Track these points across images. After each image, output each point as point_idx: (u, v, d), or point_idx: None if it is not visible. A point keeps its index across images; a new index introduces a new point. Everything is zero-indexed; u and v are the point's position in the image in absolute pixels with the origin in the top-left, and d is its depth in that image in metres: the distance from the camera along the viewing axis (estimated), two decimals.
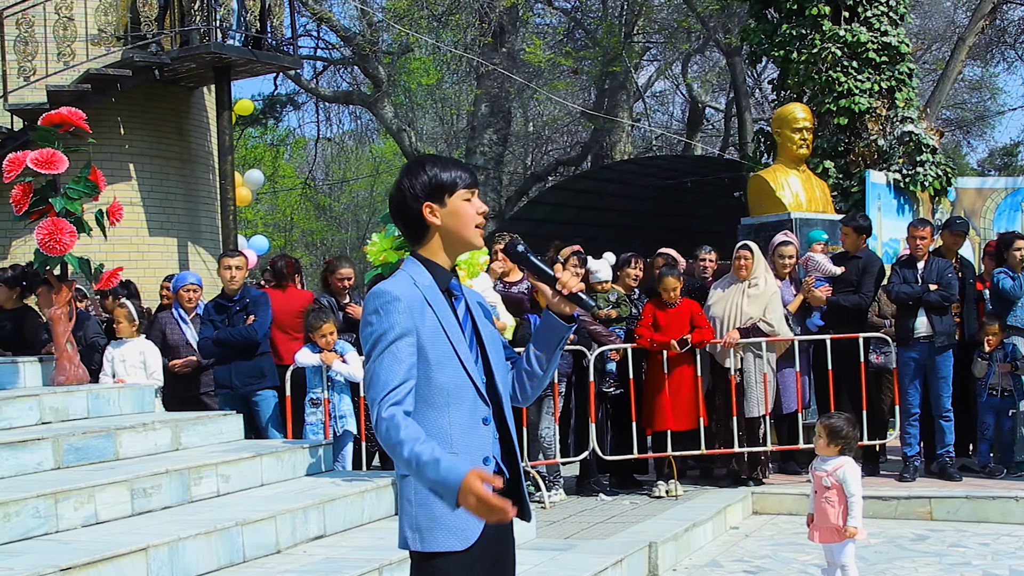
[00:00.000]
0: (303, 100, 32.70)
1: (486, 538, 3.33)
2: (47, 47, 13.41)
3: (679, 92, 35.53)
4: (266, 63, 14.81)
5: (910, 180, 13.42)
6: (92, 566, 5.21)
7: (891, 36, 13.79)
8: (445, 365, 3.30)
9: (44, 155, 8.19)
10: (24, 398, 7.55)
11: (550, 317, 3.49)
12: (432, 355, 3.29)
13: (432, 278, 3.39)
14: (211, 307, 9.43)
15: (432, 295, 3.36)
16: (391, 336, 3.25)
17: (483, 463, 3.33)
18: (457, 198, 3.40)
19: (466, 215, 3.40)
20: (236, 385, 9.17)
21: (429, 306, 3.33)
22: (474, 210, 3.42)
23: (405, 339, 3.25)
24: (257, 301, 9.27)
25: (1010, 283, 9.63)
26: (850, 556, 6.11)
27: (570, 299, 3.44)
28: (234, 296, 9.28)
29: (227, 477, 7.19)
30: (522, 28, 26.93)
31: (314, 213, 40.34)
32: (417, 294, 3.32)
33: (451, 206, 3.39)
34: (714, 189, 22.53)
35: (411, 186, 3.40)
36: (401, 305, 3.27)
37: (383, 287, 3.32)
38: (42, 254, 8.31)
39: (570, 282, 3.42)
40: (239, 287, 9.31)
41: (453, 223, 3.40)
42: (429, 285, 3.37)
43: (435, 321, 3.32)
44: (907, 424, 9.75)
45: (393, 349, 3.24)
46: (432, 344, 3.29)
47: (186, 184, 15.00)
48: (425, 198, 3.38)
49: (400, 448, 3.14)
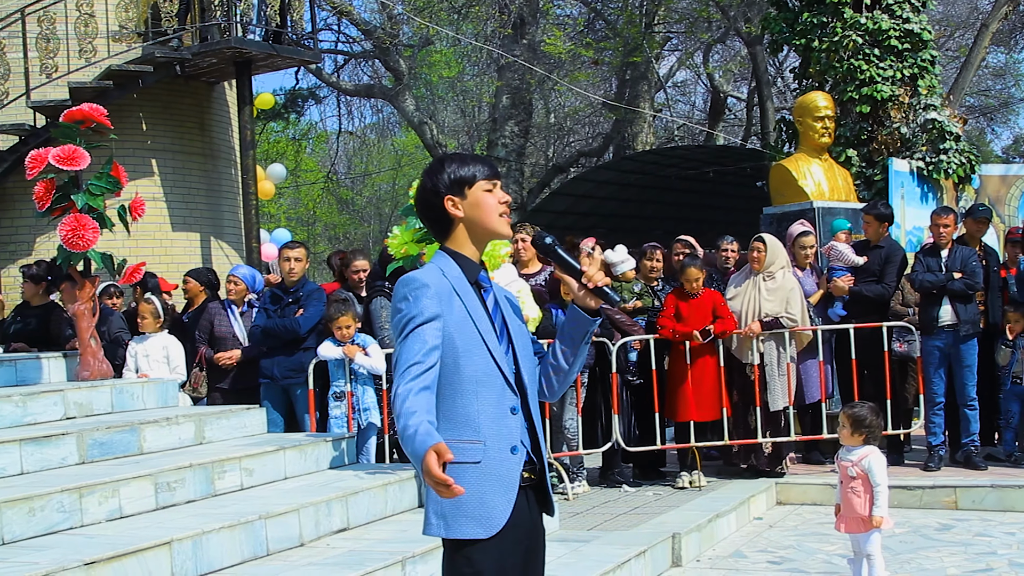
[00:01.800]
0: (324, 94, 32.75)
1: (516, 528, 3.35)
2: (68, 44, 13.44)
3: (700, 82, 35.42)
4: (287, 57, 14.83)
5: (933, 168, 13.33)
6: (116, 560, 5.24)
7: (913, 23, 13.70)
8: (473, 353, 3.34)
9: (66, 152, 8.22)
10: (48, 393, 7.59)
11: (575, 311, 3.50)
12: (460, 343, 3.33)
13: (460, 270, 3.43)
14: (267, 296, 9.44)
15: (460, 286, 3.40)
16: (419, 320, 3.29)
17: (511, 452, 3.36)
18: (477, 189, 3.45)
19: (488, 205, 3.45)
20: (276, 376, 9.19)
21: (457, 295, 3.37)
22: (496, 200, 3.46)
23: (432, 323, 3.29)
24: (310, 295, 9.24)
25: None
26: (876, 545, 6.08)
27: (595, 293, 3.45)
28: (291, 288, 9.29)
29: (251, 471, 7.21)
30: (542, 19, 26.88)
31: (336, 207, 40.38)
32: (446, 284, 3.37)
33: (472, 197, 3.44)
34: (736, 179, 22.44)
35: (432, 183, 3.47)
36: (430, 291, 3.31)
37: (413, 275, 3.37)
38: (65, 250, 8.34)
39: (596, 276, 3.44)
40: (298, 279, 9.30)
41: (476, 214, 3.45)
42: (458, 276, 3.41)
43: (463, 310, 3.36)
44: (931, 413, 9.70)
45: (419, 332, 3.28)
46: (460, 332, 3.34)
47: (208, 179, 15.03)
48: (446, 192, 3.44)
49: (398, 422, 3.19)
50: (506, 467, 3.34)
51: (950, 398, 9.73)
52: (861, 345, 9.70)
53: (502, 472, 3.33)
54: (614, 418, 9.33)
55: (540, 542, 3.53)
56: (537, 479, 3.47)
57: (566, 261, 3.48)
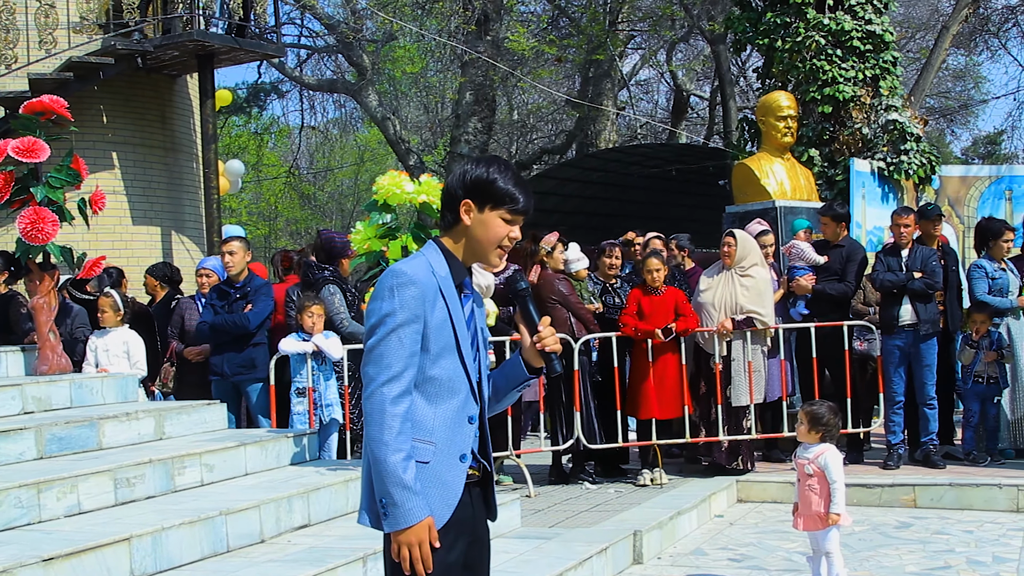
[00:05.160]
0: (287, 88, 32.66)
1: (460, 522, 3.36)
2: (28, 35, 13.32)
3: (663, 80, 35.52)
4: (250, 51, 14.75)
5: (894, 168, 13.44)
6: (75, 556, 5.18)
7: (875, 24, 13.80)
8: (444, 358, 3.33)
9: (26, 143, 8.13)
10: (6, 388, 7.51)
11: (518, 360, 3.53)
12: (434, 347, 3.31)
13: (449, 270, 3.40)
14: (214, 292, 9.38)
15: (447, 287, 3.37)
16: (399, 318, 3.26)
17: (460, 459, 3.37)
18: (496, 214, 3.38)
19: (494, 233, 3.40)
20: (227, 373, 9.14)
21: (442, 296, 3.34)
22: (506, 233, 3.40)
23: (412, 325, 3.27)
24: (258, 290, 9.19)
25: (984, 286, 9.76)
26: (835, 543, 6.12)
27: (543, 355, 3.47)
28: (236, 283, 9.23)
29: (211, 466, 7.16)
30: (506, 16, 26.85)
31: (298, 202, 40.24)
32: (433, 283, 3.33)
33: (487, 216, 3.39)
34: (699, 177, 22.53)
35: (467, 176, 3.40)
36: (416, 290, 3.28)
37: (403, 268, 3.33)
38: (24, 243, 8.26)
39: (549, 340, 3.45)
40: (237, 273, 9.23)
41: (479, 233, 3.40)
42: (446, 276, 3.38)
43: (445, 313, 3.34)
44: (891, 412, 9.78)
45: (400, 333, 3.26)
46: (437, 335, 3.31)
47: (169, 172, 14.93)
48: (469, 195, 3.38)
49: (382, 447, 3.20)
50: (453, 473, 3.35)
51: (909, 397, 9.81)
52: (822, 344, 9.76)
53: (448, 478, 3.34)
54: (576, 415, 9.33)
55: (484, 536, 3.54)
56: (481, 478, 3.49)
57: (530, 314, 3.51)
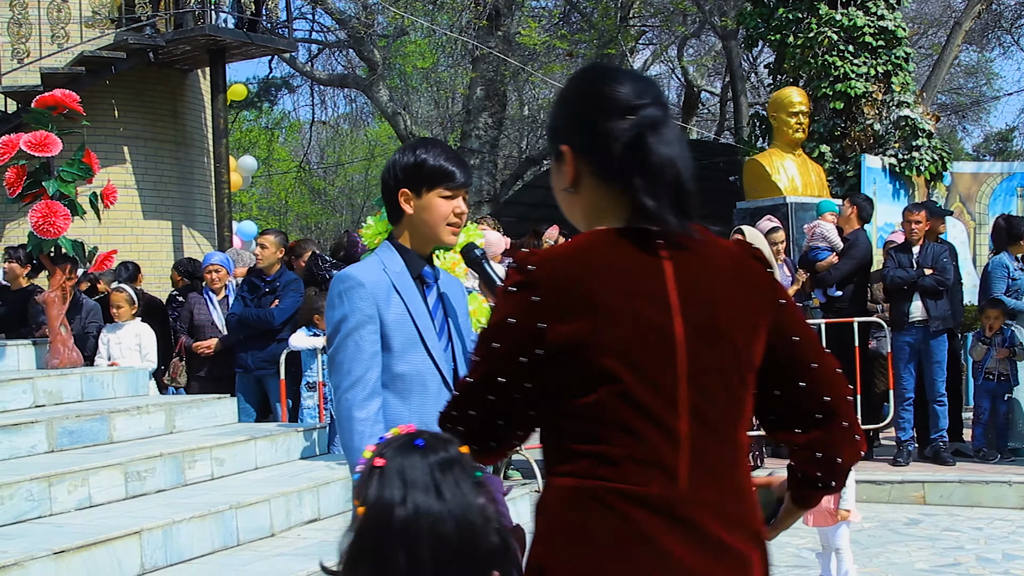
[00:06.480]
0: (298, 83, 32.60)
1: None
2: (41, 29, 13.35)
3: (675, 76, 35.42)
4: (261, 46, 14.77)
5: (906, 165, 13.40)
6: (86, 549, 5.21)
7: (888, 20, 13.76)
8: (410, 353, 3.25)
9: (38, 138, 8.16)
10: (18, 381, 7.54)
11: None
12: (396, 343, 3.24)
13: (404, 264, 3.32)
14: (244, 284, 9.40)
15: (402, 282, 3.29)
16: (352, 322, 3.20)
17: None
18: (435, 194, 3.29)
19: (438, 213, 3.31)
20: (250, 367, 9.17)
21: (397, 292, 3.26)
22: (450, 209, 3.31)
23: (368, 327, 3.20)
24: (287, 285, 9.20)
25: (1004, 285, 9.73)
26: (844, 539, 6.11)
27: None
28: (267, 276, 9.24)
29: (221, 460, 7.18)
30: (517, 11, 26.82)
31: (309, 197, 40.22)
32: (385, 280, 3.26)
33: (426, 200, 3.30)
34: (709, 173, 22.46)
35: (396, 166, 3.33)
36: (364, 291, 3.21)
37: (348, 271, 3.27)
38: (36, 237, 8.29)
39: None
40: (267, 266, 9.25)
41: (425, 217, 3.32)
42: (400, 272, 3.31)
43: (402, 307, 3.26)
44: (901, 409, 9.76)
45: (356, 337, 3.19)
46: (397, 332, 3.24)
47: (180, 167, 14.95)
48: (403, 184, 3.31)
49: (354, 455, 3.14)
50: None
51: (918, 394, 9.80)
52: (832, 340, 9.74)
53: None
54: None
55: None
56: None
57: (490, 279, 3.44)
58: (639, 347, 2.15)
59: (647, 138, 2.20)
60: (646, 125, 2.21)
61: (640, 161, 2.20)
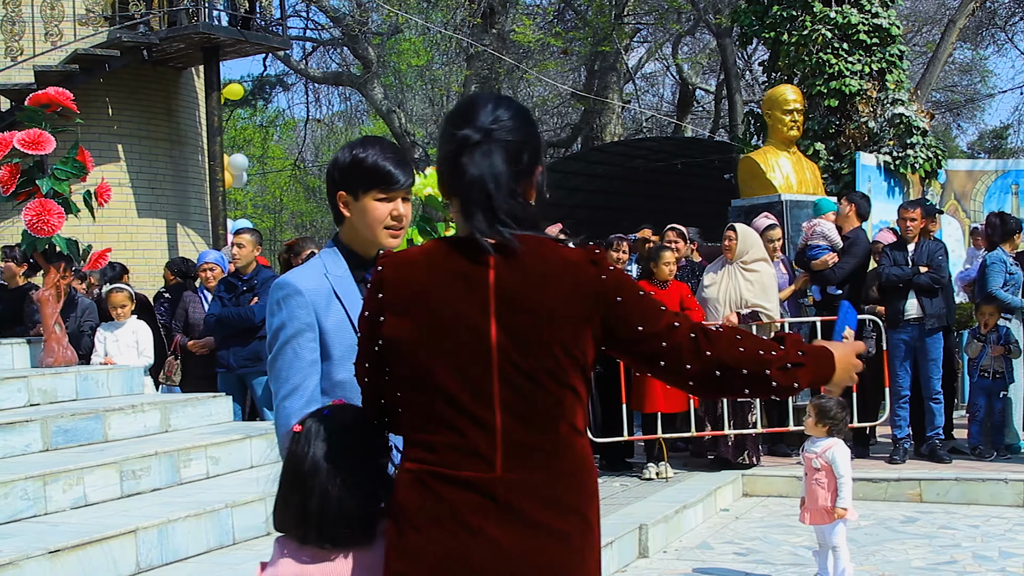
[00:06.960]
0: (292, 81, 32.62)
1: None
2: (35, 27, 13.34)
3: (669, 74, 35.45)
4: (255, 44, 14.77)
5: (900, 162, 13.40)
6: (81, 548, 5.19)
7: (882, 18, 13.76)
8: (349, 360, 3.07)
9: (31, 136, 8.14)
10: (12, 380, 7.52)
11: None
12: (336, 351, 3.14)
13: (347, 267, 3.22)
14: (222, 284, 9.39)
15: (343, 286, 3.19)
16: (290, 330, 3.11)
17: None
18: (370, 196, 3.17)
19: (373, 217, 3.18)
20: (232, 366, 9.15)
21: (337, 298, 3.17)
22: (387, 212, 3.19)
23: (306, 334, 3.11)
24: (265, 283, 9.18)
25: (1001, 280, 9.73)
26: (841, 537, 6.12)
27: None
28: (244, 275, 9.24)
29: (217, 459, 7.17)
30: (512, 8, 26.84)
31: (303, 195, 40.24)
32: (325, 286, 3.16)
33: (362, 203, 3.18)
34: (704, 171, 22.48)
35: (335, 166, 3.23)
36: (302, 299, 3.11)
37: (286, 279, 3.18)
38: (30, 235, 8.27)
39: None
40: (244, 265, 9.25)
41: (361, 221, 3.20)
42: (342, 276, 3.20)
43: (342, 314, 3.15)
44: (897, 406, 9.76)
45: (294, 344, 3.11)
46: (337, 339, 3.14)
47: (175, 165, 14.94)
48: (340, 185, 3.21)
49: None
50: None
51: (914, 391, 9.80)
52: (828, 338, 9.72)
53: None
54: None
55: None
56: None
57: None
58: (458, 349, 2.45)
59: (460, 159, 2.51)
60: (459, 147, 2.52)
61: (457, 180, 2.51)
